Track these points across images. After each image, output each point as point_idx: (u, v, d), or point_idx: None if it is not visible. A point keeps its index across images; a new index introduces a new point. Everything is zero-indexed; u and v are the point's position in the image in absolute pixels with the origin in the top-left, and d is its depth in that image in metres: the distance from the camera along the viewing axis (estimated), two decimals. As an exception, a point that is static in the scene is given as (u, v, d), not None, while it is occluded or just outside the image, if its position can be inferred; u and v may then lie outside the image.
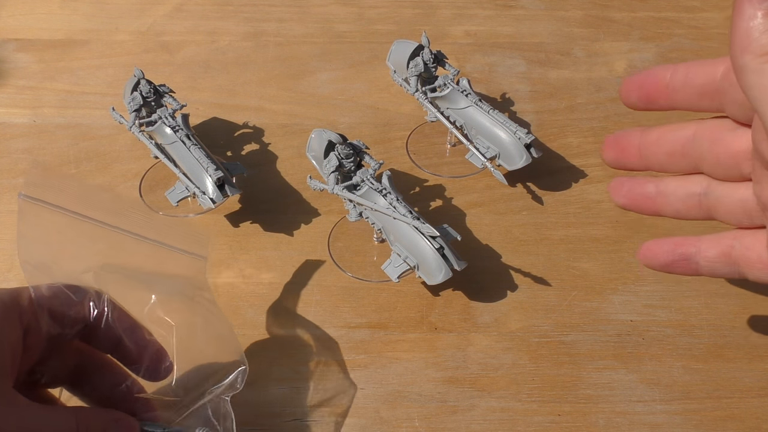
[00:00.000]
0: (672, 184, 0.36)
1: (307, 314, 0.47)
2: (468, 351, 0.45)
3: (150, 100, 0.53)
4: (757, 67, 0.28)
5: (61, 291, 0.35)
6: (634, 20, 0.71)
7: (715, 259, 0.35)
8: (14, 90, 0.64)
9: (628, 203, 0.38)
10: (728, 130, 0.33)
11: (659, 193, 0.36)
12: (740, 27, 0.28)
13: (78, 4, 0.73)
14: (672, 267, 0.36)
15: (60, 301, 0.35)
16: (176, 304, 0.39)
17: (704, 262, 0.35)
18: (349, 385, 0.44)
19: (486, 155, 0.52)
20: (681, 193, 0.36)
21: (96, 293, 0.36)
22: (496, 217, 0.53)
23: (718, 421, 0.42)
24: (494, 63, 0.66)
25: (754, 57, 0.28)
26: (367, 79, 0.65)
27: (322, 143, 0.48)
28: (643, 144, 0.36)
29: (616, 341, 0.46)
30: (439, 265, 0.45)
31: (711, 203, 0.35)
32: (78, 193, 0.37)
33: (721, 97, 0.32)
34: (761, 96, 0.28)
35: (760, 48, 0.28)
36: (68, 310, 0.35)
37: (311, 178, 0.49)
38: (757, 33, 0.28)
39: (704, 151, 0.34)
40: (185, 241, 0.40)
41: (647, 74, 0.35)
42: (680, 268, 0.36)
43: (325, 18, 0.71)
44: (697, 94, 0.33)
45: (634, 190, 0.37)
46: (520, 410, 0.43)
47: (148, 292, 0.39)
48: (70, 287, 0.36)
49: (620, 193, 0.38)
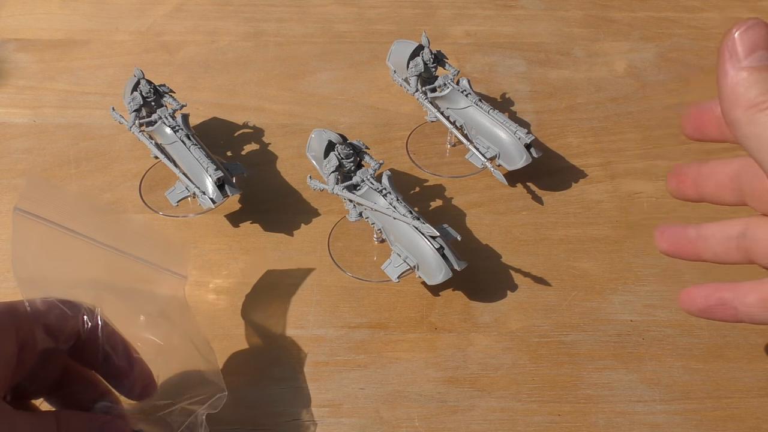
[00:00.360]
0: (711, 228, 0.37)
1: (307, 314, 0.47)
2: (468, 351, 0.45)
3: (150, 100, 0.53)
4: (748, 119, 0.29)
5: (56, 305, 0.35)
6: (634, 20, 0.71)
7: (754, 305, 0.35)
8: (14, 90, 0.64)
9: (670, 249, 0.38)
10: None
11: (699, 237, 0.37)
12: (726, 85, 0.30)
13: (78, 4, 0.73)
14: (710, 312, 0.36)
15: (54, 316, 0.35)
16: (162, 325, 0.40)
17: (743, 308, 0.35)
18: (349, 385, 0.44)
19: (486, 155, 0.52)
20: (720, 236, 0.36)
21: (88, 308, 0.36)
22: (496, 217, 0.53)
23: (718, 421, 0.42)
24: (494, 63, 0.66)
25: (744, 110, 0.29)
26: (367, 79, 0.65)
27: (322, 143, 0.48)
28: (698, 175, 0.37)
29: (616, 341, 0.46)
30: (439, 265, 0.45)
31: (749, 245, 0.35)
32: (72, 208, 0.38)
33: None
34: (758, 145, 0.29)
35: (747, 101, 0.29)
36: (62, 325, 0.35)
37: (311, 178, 0.49)
38: (742, 89, 0.29)
39: (747, 185, 0.35)
40: (166, 258, 0.41)
41: (702, 107, 0.36)
42: (718, 313, 0.36)
43: (325, 18, 0.71)
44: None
45: (676, 235, 0.38)
46: (520, 410, 0.43)
47: (137, 311, 0.39)
48: (64, 302, 0.35)
49: (663, 239, 0.38)
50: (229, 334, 0.46)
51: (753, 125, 0.29)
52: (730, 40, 0.30)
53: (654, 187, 0.55)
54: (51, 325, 0.34)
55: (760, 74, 0.30)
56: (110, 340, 0.36)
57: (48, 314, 0.34)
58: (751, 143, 0.30)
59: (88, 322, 0.35)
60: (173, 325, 0.40)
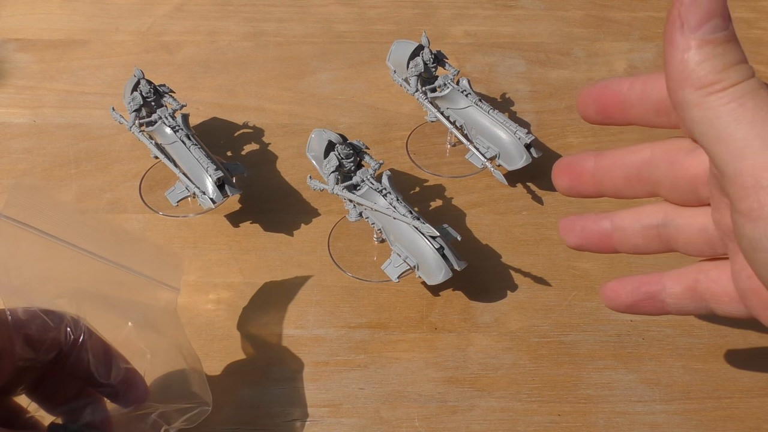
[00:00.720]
0: (627, 218, 0.34)
1: (307, 314, 0.47)
2: (468, 351, 0.45)
3: (150, 100, 0.53)
4: (698, 101, 0.26)
5: (38, 315, 0.34)
6: (634, 20, 0.71)
7: (681, 296, 0.33)
8: (14, 90, 0.64)
9: (583, 243, 0.35)
10: (685, 152, 0.30)
11: (615, 229, 0.34)
12: (674, 59, 0.26)
13: (78, 4, 0.73)
14: (637, 307, 0.34)
15: (36, 326, 0.34)
16: (149, 334, 0.39)
17: (670, 300, 0.33)
18: (349, 385, 0.44)
19: (486, 155, 0.52)
20: (638, 226, 0.33)
21: (73, 319, 0.35)
22: (496, 217, 0.53)
23: (718, 421, 0.42)
24: (494, 63, 0.66)
25: (693, 90, 0.26)
26: (367, 79, 0.65)
27: (322, 143, 0.48)
28: (598, 169, 0.33)
29: (616, 341, 0.46)
30: (439, 265, 0.45)
31: (671, 234, 0.32)
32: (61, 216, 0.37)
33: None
34: (707, 131, 0.26)
35: (698, 80, 0.26)
36: (43, 336, 0.34)
37: (311, 178, 0.49)
38: (693, 64, 0.26)
39: (661, 175, 0.31)
40: (160, 270, 0.40)
41: (604, 86, 0.32)
42: (646, 308, 0.34)
43: (325, 18, 0.71)
44: (654, 109, 0.31)
45: (588, 228, 0.34)
46: (520, 410, 0.43)
47: (124, 319, 0.38)
48: (47, 312, 0.34)
49: (573, 233, 0.35)
50: (229, 334, 0.46)
51: (703, 109, 0.26)
52: (682, 6, 0.26)
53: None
54: (32, 336, 0.33)
55: (714, 48, 0.26)
56: (95, 350, 0.35)
57: (29, 324, 0.33)
58: (699, 128, 0.26)
59: (71, 333, 0.34)
60: (161, 335, 0.39)
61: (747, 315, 0.31)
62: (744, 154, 0.25)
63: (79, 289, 0.37)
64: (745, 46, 0.29)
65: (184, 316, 0.47)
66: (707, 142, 0.27)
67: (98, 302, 0.38)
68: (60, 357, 0.35)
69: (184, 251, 0.51)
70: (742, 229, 0.27)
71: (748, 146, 0.25)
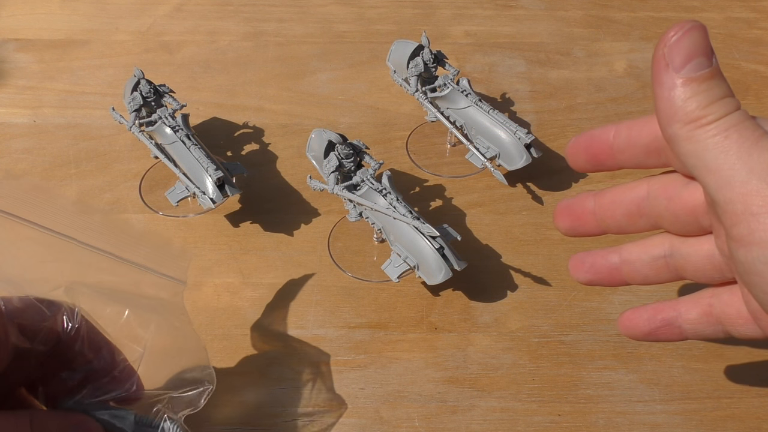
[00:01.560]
0: (635, 251, 0.35)
1: (307, 314, 0.47)
2: (468, 351, 0.45)
3: (150, 100, 0.53)
4: (687, 135, 0.28)
5: (33, 304, 0.33)
6: (634, 20, 0.71)
7: (697, 321, 0.33)
8: (14, 90, 0.64)
9: (594, 278, 0.36)
10: (681, 185, 0.31)
11: (624, 262, 0.35)
12: (662, 97, 0.28)
13: (78, 4, 0.73)
14: (655, 335, 0.35)
15: (31, 315, 0.33)
16: (149, 321, 0.38)
17: (687, 325, 0.34)
18: (349, 385, 0.44)
19: (486, 155, 0.52)
20: (646, 258, 0.34)
21: (69, 308, 0.34)
22: (496, 217, 0.53)
23: (718, 421, 0.42)
24: (494, 63, 0.66)
25: (683, 125, 0.28)
26: (367, 79, 0.65)
27: (322, 143, 0.48)
28: (599, 208, 0.35)
29: (616, 341, 0.46)
30: (439, 265, 0.45)
31: (678, 263, 0.33)
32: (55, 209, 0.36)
33: (667, 153, 0.31)
34: (698, 163, 0.28)
35: (686, 115, 0.28)
36: (39, 325, 0.33)
37: (311, 178, 0.49)
38: (680, 101, 0.28)
39: (662, 209, 0.32)
40: (164, 263, 0.39)
41: (590, 136, 0.33)
42: (664, 335, 0.35)
43: (325, 18, 0.71)
44: (643, 152, 0.32)
45: (597, 264, 0.35)
46: (520, 410, 0.43)
47: (122, 307, 0.38)
48: (42, 301, 0.34)
49: (582, 270, 0.36)
50: (229, 334, 0.46)
51: (692, 142, 0.28)
52: (666, 47, 0.28)
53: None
54: (26, 325, 0.33)
55: (698, 85, 0.28)
56: (92, 341, 0.35)
57: (24, 313, 0.33)
58: (690, 161, 0.28)
59: (68, 322, 0.34)
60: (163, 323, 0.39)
61: (764, 335, 0.32)
62: (732, 182, 0.27)
63: (76, 282, 0.36)
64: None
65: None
66: (699, 173, 0.28)
67: (96, 294, 0.37)
68: (58, 349, 0.34)
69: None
70: (735, 254, 0.28)
71: (735, 175, 0.27)
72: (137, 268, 0.38)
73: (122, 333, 0.37)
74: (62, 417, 0.34)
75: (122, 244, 0.38)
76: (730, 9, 0.73)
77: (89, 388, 0.36)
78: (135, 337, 0.38)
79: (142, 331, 0.38)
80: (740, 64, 0.66)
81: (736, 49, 0.67)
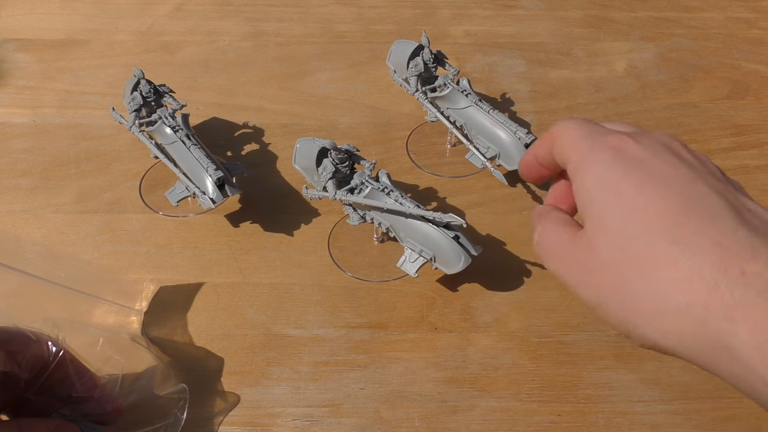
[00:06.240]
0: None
1: (307, 314, 0.47)
2: (468, 351, 0.45)
3: (150, 100, 0.53)
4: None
5: (21, 332, 0.35)
6: (634, 20, 0.71)
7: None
8: (14, 90, 0.64)
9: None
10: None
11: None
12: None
13: (78, 4, 0.73)
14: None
15: (19, 342, 0.35)
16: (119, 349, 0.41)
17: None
18: (349, 385, 0.44)
19: (486, 155, 0.52)
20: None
21: (52, 337, 0.36)
22: (496, 217, 0.53)
23: (718, 421, 0.42)
24: (494, 63, 0.66)
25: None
26: (367, 79, 0.65)
27: (312, 152, 0.48)
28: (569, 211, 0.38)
29: (616, 341, 0.46)
30: (457, 253, 0.45)
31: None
32: (14, 249, 0.39)
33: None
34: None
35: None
36: (26, 349, 0.35)
37: (307, 189, 0.49)
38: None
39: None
40: (117, 294, 0.43)
41: (524, 162, 0.36)
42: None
43: (325, 18, 0.71)
44: (555, 164, 0.35)
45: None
46: (520, 410, 0.43)
47: (95, 337, 0.40)
48: (27, 330, 0.36)
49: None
50: (229, 334, 0.46)
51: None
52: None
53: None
54: (14, 351, 0.34)
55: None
56: (76, 366, 0.37)
57: (12, 340, 0.34)
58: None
59: (52, 347, 0.36)
60: (123, 354, 0.41)
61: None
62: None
63: (48, 318, 0.39)
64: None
65: (184, 317, 0.47)
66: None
67: (66, 327, 0.39)
68: (43, 376, 0.36)
69: (184, 251, 0.51)
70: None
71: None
72: (93, 299, 0.41)
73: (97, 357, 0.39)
74: (44, 422, 0.36)
75: (73, 277, 0.41)
76: (730, 9, 0.73)
77: (70, 408, 0.37)
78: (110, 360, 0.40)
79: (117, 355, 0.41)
80: (740, 64, 0.66)
81: (736, 49, 0.67)
